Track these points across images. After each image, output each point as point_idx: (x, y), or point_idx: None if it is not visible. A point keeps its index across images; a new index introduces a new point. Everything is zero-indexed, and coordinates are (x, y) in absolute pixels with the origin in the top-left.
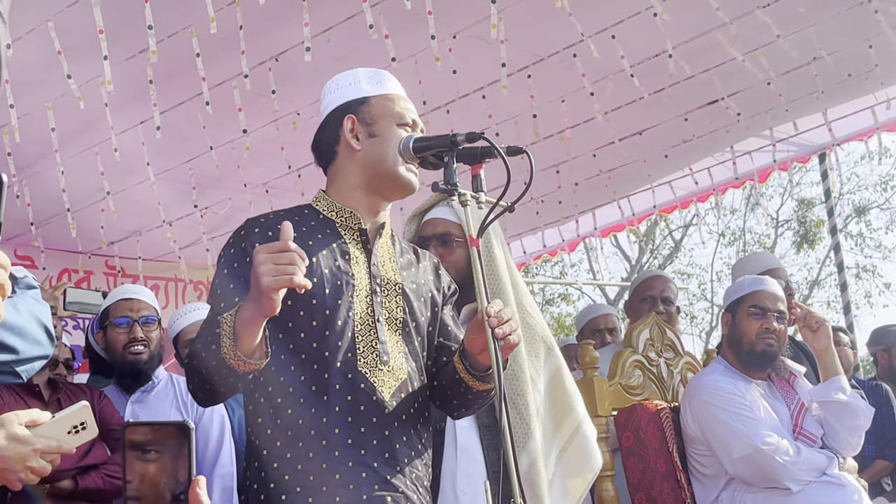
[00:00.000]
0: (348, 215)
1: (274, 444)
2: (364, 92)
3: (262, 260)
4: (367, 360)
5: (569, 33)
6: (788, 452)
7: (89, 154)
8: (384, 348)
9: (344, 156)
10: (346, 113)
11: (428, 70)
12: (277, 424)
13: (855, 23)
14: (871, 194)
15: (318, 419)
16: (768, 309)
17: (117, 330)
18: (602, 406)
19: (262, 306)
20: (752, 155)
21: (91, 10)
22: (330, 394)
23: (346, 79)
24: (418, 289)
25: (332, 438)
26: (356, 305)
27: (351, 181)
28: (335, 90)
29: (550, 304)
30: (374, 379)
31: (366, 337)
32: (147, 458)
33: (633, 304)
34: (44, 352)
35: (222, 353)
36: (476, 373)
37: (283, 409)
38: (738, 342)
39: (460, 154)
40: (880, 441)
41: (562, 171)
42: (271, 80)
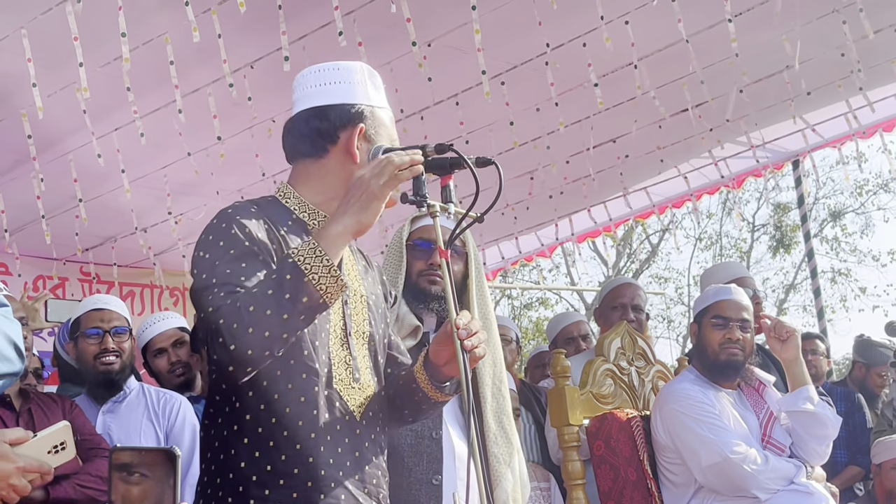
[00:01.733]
0: (321, 219)
1: (252, 456)
2: (370, 99)
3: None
4: (341, 377)
5: (541, 42)
6: (757, 461)
7: (63, 161)
8: (356, 364)
9: (337, 161)
10: (357, 119)
11: (403, 78)
12: (259, 434)
13: (826, 31)
14: (846, 199)
15: (305, 433)
16: (730, 319)
17: (88, 341)
18: (573, 415)
19: (365, 215)
20: (727, 161)
21: (65, 18)
22: (318, 408)
23: (350, 72)
24: (376, 300)
25: (318, 456)
26: (332, 317)
27: (336, 188)
28: (338, 81)
29: (528, 309)
30: (347, 397)
31: (339, 352)
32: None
33: (604, 312)
34: (13, 369)
35: (307, 282)
36: (437, 384)
37: (265, 418)
38: (703, 352)
39: (430, 164)
40: (853, 447)
41: (536, 177)
42: (246, 87)
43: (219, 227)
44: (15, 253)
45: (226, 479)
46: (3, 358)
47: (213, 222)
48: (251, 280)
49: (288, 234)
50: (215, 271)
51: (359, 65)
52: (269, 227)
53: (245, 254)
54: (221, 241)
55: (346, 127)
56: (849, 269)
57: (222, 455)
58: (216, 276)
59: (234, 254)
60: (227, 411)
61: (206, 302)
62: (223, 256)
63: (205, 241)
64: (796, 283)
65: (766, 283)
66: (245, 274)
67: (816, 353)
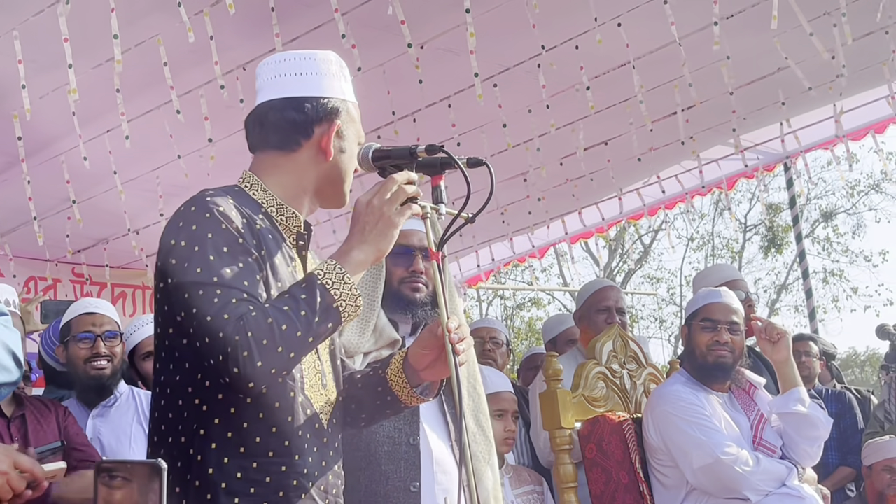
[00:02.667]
0: (289, 215)
1: (221, 461)
2: (345, 93)
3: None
4: (311, 383)
5: (534, 44)
6: (748, 463)
7: (55, 163)
8: (323, 369)
9: (309, 156)
10: (332, 116)
11: (395, 80)
12: (228, 439)
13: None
14: (837, 199)
15: (278, 440)
16: (719, 321)
17: (80, 345)
18: (565, 418)
19: (384, 243)
20: (718, 163)
21: (56, 20)
22: (294, 415)
23: (328, 64)
24: None
25: (292, 464)
26: None
27: (304, 185)
28: (312, 73)
29: (521, 309)
30: (316, 403)
31: (310, 357)
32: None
33: (587, 315)
34: (11, 378)
35: (333, 304)
36: (414, 388)
37: (236, 422)
38: (692, 354)
39: (420, 165)
40: (844, 448)
41: (528, 179)
42: (239, 89)
43: (202, 217)
44: (8, 254)
45: (189, 487)
46: (2, 368)
47: (193, 210)
48: (253, 287)
49: (262, 230)
50: (213, 268)
51: (332, 55)
52: (248, 221)
53: (240, 252)
54: (210, 234)
55: (321, 122)
56: (841, 270)
57: (185, 460)
58: (217, 276)
59: (229, 252)
60: (189, 414)
61: (212, 305)
62: (217, 252)
63: (186, 231)
64: (788, 284)
65: (758, 284)
66: (247, 278)
67: (810, 355)
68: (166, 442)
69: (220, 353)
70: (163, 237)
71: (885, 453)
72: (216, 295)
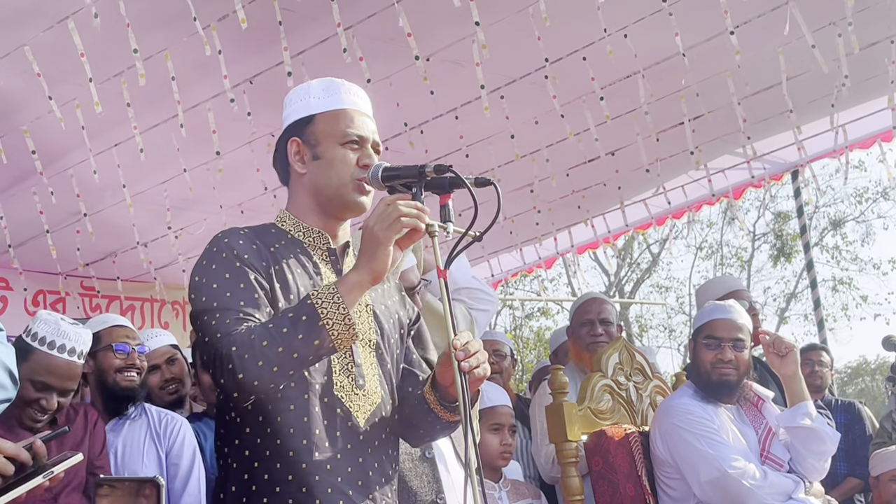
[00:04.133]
0: (316, 235)
1: (252, 466)
2: (311, 109)
3: (380, 208)
4: (342, 384)
5: (540, 56)
6: (755, 476)
7: (64, 177)
8: (360, 371)
9: (295, 179)
10: (289, 135)
11: (402, 92)
12: (257, 444)
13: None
14: (846, 207)
15: (296, 440)
16: (722, 339)
17: (116, 355)
18: (572, 431)
19: (375, 263)
20: (725, 173)
21: (68, 35)
22: (310, 416)
23: (297, 94)
24: (387, 310)
25: (312, 462)
26: None
27: (304, 204)
28: (288, 105)
29: (530, 319)
30: (349, 403)
31: (341, 360)
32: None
33: (574, 329)
34: (6, 395)
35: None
36: (446, 404)
37: (261, 429)
38: (697, 371)
39: (429, 184)
40: (852, 459)
41: (535, 190)
42: (246, 102)
43: (211, 252)
44: (18, 268)
45: (228, 491)
46: None
47: (207, 247)
48: (249, 304)
49: (279, 252)
50: (214, 295)
51: (309, 83)
52: (258, 246)
53: (238, 275)
54: (214, 265)
55: (286, 147)
56: (850, 278)
57: (228, 469)
58: (217, 301)
59: (230, 277)
60: (230, 427)
61: (210, 327)
62: (220, 280)
63: (200, 266)
64: (797, 292)
65: (768, 292)
66: (244, 298)
67: (822, 365)
68: (222, 453)
69: (212, 367)
70: (190, 276)
71: (892, 464)
72: (215, 318)
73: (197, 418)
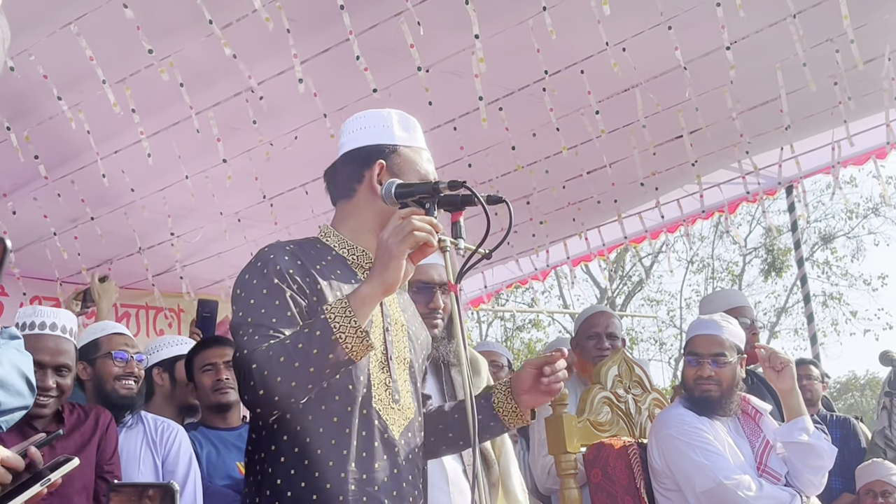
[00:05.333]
0: (360, 254)
1: (288, 473)
2: (396, 139)
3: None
4: (380, 397)
5: (539, 68)
6: (751, 488)
7: (64, 182)
8: (395, 386)
9: (364, 197)
10: (377, 156)
11: (402, 103)
12: (294, 453)
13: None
14: (836, 223)
15: (337, 451)
16: (701, 355)
17: (115, 362)
18: (571, 443)
19: (387, 275)
20: (720, 187)
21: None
22: (351, 427)
23: (377, 118)
24: (416, 332)
25: (350, 472)
26: (374, 342)
27: (367, 223)
28: (365, 127)
29: (521, 330)
30: (386, 416)
31: (379, 374)
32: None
33: (580, 342)
34: (24, 402)
35: (334, 339)
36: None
37: (300, 438)
38: (684, 386)
39: (441, 201)
40: (847, 474)
41: (532, 202)
42: (249, 111)
43: (254, 267)
44: (16, 274)
45: (264, 497)
46: (16, 392)
47: (252, 261)
48: (282, 321)
49: (324, 269)
50: (250, 310)
51: (389, 111)
52: (303, 262)
53: (275, 292)
54: (255, 280)
55: (368, 165)
56: (840, 293)
57: (262, 475)
58: (251, 316)
59: (267, 293)
60: (265, 434)
61: (242, 342)
62: (257, 296)
63: (242, 280)
64: (788, 307)
65: (758, 307)
66: (276, 315)
67: (811, 378)
68: (253, 460)
69: (239, 383)
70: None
71: (866, 478)
72: (248, 333)
73: (192, 427)
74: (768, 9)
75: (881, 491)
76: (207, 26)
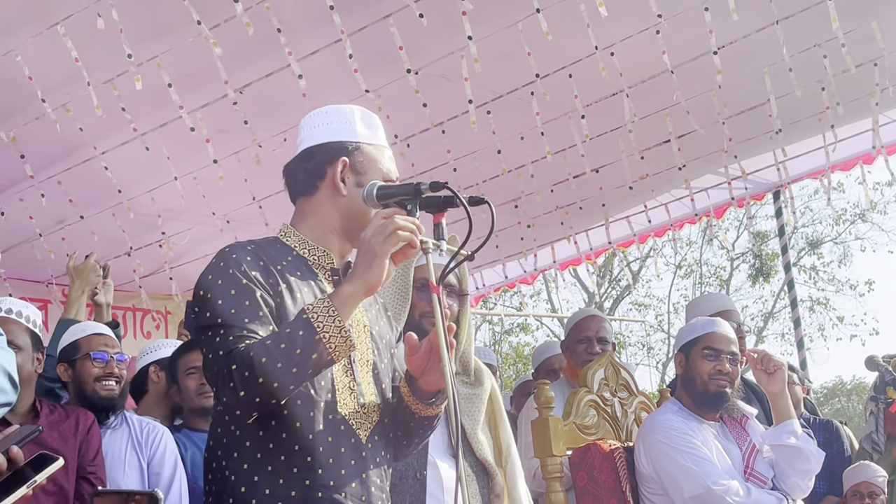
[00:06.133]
0: (321, 254)
1: (251, 480)
2: (359, 136)
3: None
4: (345, 402)
5: (527, 72)
6: (739, 493)
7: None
8: (360, 390)
9: (326, 196)
10: (340, 153)
11: (390, 105)
12: (257, 459)
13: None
14: (823, 228)
15: (301, 457)
16: (721, 351)
17: (94, 363)
18: (557, 446)
19: (370, 275)
20: (708, 192)
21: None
22: (315, 433)
23: (339, 114)
24: (380, 331)
25: (316, 479)
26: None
27: (328, 223)
28: (327, 123)
29: (509, 334)
30: (352, 421)
31: (343, 378)
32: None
33: (570, 345)
34: (7, 399)
35: (318, 339)
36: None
37: (264, 444)
38: (691, 382)
39: (423, 202)
40: (831, 477)
41: (520, 206)
42: (241, 112)
43: (217, 267)
44: (2, 274)
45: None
46: None
47: (213, 261)
48: (253, 322)
49: (285, 269)
50: (219, 311)
51: (350, 107)
52: (265, 263)
53: (244, 292)
54: (221, 280)
55: (331, 162)
56: (826, 299)
57: (223, 483)
58: (221, 317)
59: (235, 294)
60: (227, 440)
61: (214, 344)
62: (225, 296)
63: (206, 281)
64: (775, 312)
65: (745, 311)
66: (248, 315)
67: (791, 383)
68: (211, 467)
69: (214, 385)
70: (194, 289)
71: (854, 479)
72: (219, 335)
73: (176, 430)
74: (757, 13)
75: (868, 492)
76: (196, 27)
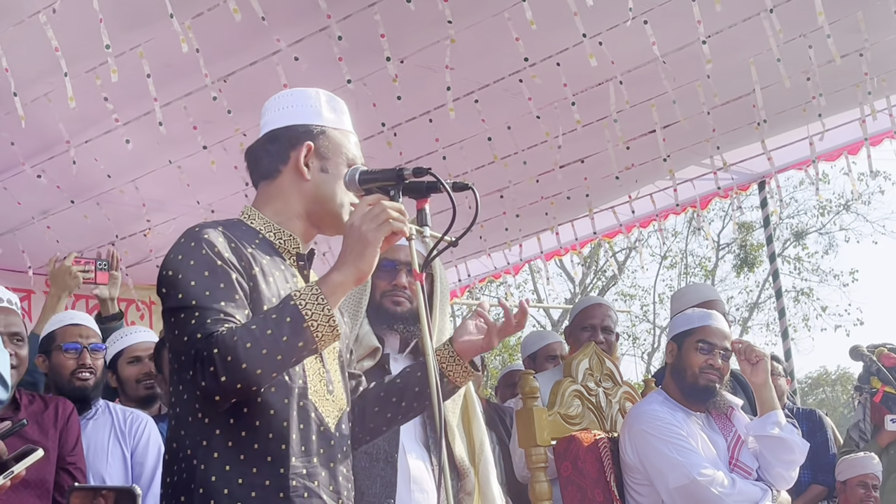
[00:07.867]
0: (287, 238)
1: (223, 470)
2: (324, 120)
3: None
4: (315, 389)
5: (514, 60)
6: (724, 484)
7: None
8: (329, 377)
9: (289, 180)
10: (304, 138)
11: (377, 94)
12: (229, 447)
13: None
14: (808, 219)
15: (275, 445)
16: (715, 345)
17: (66, 355)
18: (541, 435)
19: (362, 263)
20: (693, 182)
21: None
22: (289, 420)
23: (304, 97)
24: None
25: (290, 467)
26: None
27: (292, 208)
28: (291, 105)
29: None
30: (322, 408)
31: (314, 364)
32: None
33: (574, 332)
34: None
35: (305, 327)
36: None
37: (235, 432)
38: (681, 373)
39: (407, 188)
40: (815, 466)
41: (505, 195)
42: (224, 102)
43: (188, 247)
44: None
45: (195, 494)
46: None
47: (181, 241)
48: (230, 305)
49: (256, 251)
50: (193, 293)
51: (315, 90)
52: (237, 245)
53: (219, 274)
54: (193, 261)
55: (295, 146)
56: (811, 289)
57: (190, 472)
58: (195, 298)
59: (209, 275)
60: (195, 427)
61: (189, 326)
62: (198, 277)
63: (174, 261)
64: (760, 302)
65: (731, 302)
66: (224, 297)
67: (775, 374)
68: (177, 457)
69: (190, 369)
70: (160, 270)
71: (859, 469)
72: (194, 317)
73: (161, 419)
74: (744, 2)
75: (873, 485)
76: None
